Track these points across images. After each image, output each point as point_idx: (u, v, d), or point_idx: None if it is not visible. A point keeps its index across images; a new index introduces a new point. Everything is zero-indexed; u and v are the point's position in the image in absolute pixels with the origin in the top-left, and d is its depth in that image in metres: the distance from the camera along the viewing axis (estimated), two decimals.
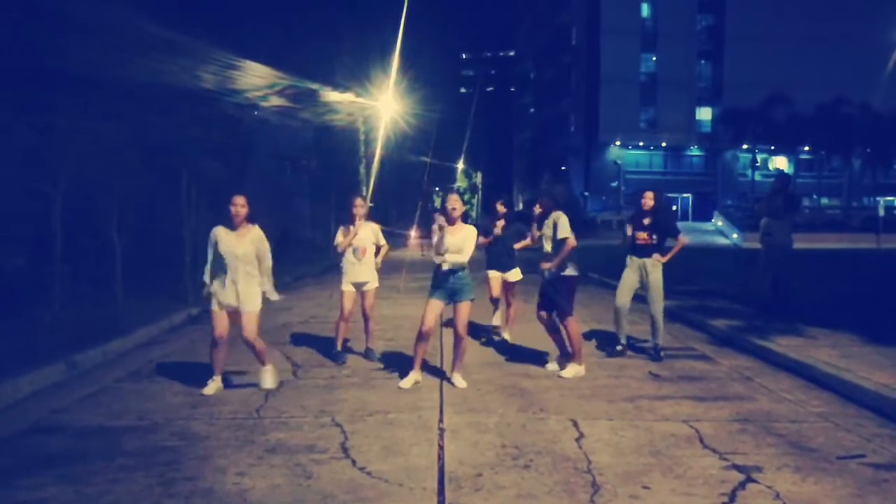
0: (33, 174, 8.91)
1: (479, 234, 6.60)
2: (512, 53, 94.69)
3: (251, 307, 5.86)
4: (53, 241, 8.87)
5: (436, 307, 6.04)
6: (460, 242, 5.97)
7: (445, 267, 5.98)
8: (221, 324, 5.83)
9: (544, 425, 5.01)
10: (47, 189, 8.85)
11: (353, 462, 4.26)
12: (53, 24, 9.14)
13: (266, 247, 5.97)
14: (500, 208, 8.30)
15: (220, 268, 5.81)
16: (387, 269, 6.63)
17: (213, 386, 5.89)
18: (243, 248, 5.78)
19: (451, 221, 6.01)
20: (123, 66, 9.95)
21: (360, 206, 7.16)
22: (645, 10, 57.84)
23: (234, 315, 5.87)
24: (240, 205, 5.82)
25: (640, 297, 12.38)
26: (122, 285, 10.01)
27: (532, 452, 4.44)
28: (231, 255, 5.74)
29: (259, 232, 5.91)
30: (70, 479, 4.00)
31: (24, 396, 5.70)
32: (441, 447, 4.54)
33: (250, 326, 5.86)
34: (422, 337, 6.06)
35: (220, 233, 5.81)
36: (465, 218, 6.28)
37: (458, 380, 6.13)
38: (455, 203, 6.07)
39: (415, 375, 6.12)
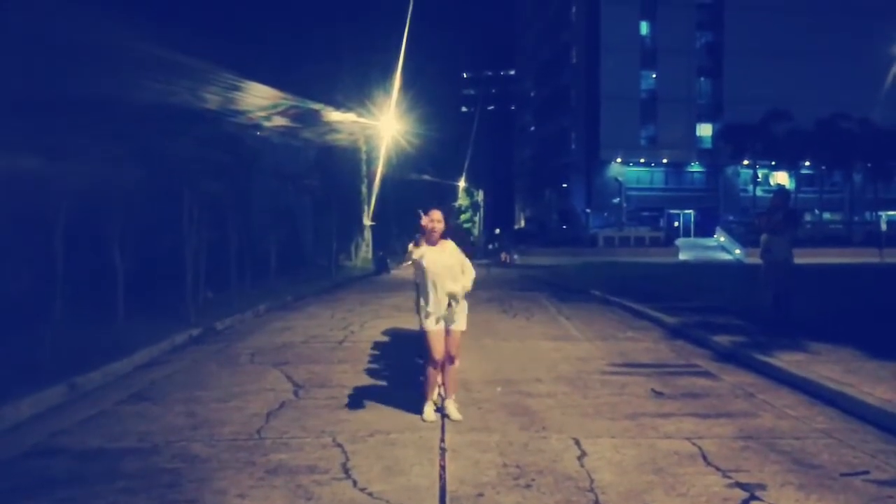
0: (35, 195, 8.95)
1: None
2: (512, 72, 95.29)
3: (459, 325, 5.71)
4: (55, 262, 8.89)
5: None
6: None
7: None
8: (439, 347, 5.65)
9: (546, 444, 4.99)
10: (49, 210, 8.88)
11: (354, 483, 4.24)
12: (56, 46, 9.24)
13: (464, 259, 5.75)
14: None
15: (426, 285, 5.62)
16: (388, 287, 6.53)
17: (430, 411, 5.68)
18: (446, 259, 5.63)
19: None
20: (126, 87, 10.04)
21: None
22: (644, 27, 58.23)
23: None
24: (437, 220, 5.63)
25: (640, 314, 12.37)
26: (124, 305, 10.01)
27: (534, 472, 4.42)
28: (436, 268, 5.58)
29: (454, 244, 5.75)
30: (70, 502, 3.99)
31: (25, 419, 5.69)
32: (442, 467, 4.52)
33: (455, 343, 5.71)
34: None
35: (422, 248, 5.63)
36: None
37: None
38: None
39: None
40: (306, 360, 8.39)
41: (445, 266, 5.62)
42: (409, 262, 5.70)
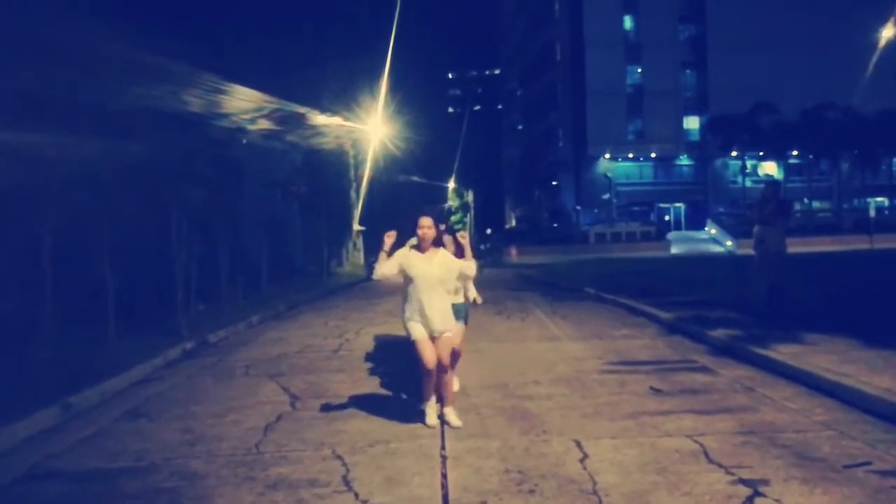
0: (21, 213, 8.84)
1: None
2: (497, 72, 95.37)
3: (450, 332, 5.61)
4: (43, 281, 8.79)
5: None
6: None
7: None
8: (429, 354, 5.51)
9: (548, 447, 4.96)
10: (36, 228, 8.78)
11: (356, 495, 4.19)
12: (40, 50, 9.11)
13: (458, 264, 5.62)
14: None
15: (414, 296, 5.52)
16: (380, 293, 6.37)
17: (433, 413, 5.63)
18: (437, 269, 5.51)
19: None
20: (109, 93, 9.92)
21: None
22: (628, 22, 58.36)
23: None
24: (427, 227, 5.51)
25: (635, 310, 12.37)
26: (115, 322, 9.92)
27: (536, 476, 4.38)
28: (425, 278, 5.46)
29: (446, 252, 5.65)
30: None
31: (19, 442, 5.61)
32: (444, 475, 4.48)
33: (447, 351, 5.59)
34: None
35: (410, 255, 5.54)
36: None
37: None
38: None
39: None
40: (302, 370, 8.33)
41: (436, 277, 5.51)
42: (381, 275, 5.53)
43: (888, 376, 6.07)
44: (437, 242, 5.65)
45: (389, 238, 5.48)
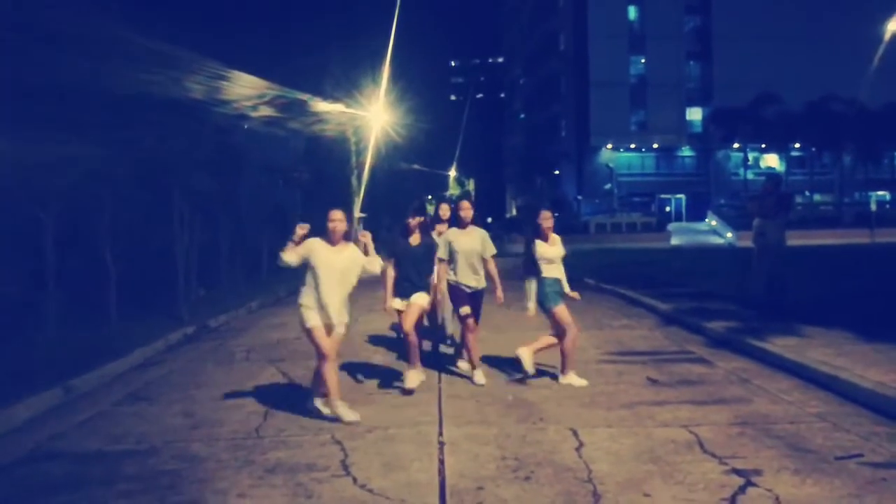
0: (23, 198, 8.87)
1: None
2: (501, 60, 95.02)
3: (343, 327, 5.59)
4: (46, 265, 8.84)
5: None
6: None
7: None
8: (326, 342, 5.48)
9: (544, 435, 5.01)
10: (38, 213, 8.82)
11: (354, 479, 4.25)
12: (43, 37, 9.11)
13: (365, 260, 5.62)
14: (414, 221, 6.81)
15: (314, 285, 5.45)
16: (378, 282, 6.46)
17: (351, 413, 5.48)
18: (342, 263, 5.49)
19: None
20: (110, 79, 9.93)
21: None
22: (632, 12, 58.08)
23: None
24: (338, 220, 5.46)
25: (634, 301, 12.39)
26: (116, 306, 9.97)
27: (532, 464, 4.44)
28: (328, 269, 5.43)
29: (355, 248, 5.61)
30: None
31: (22, 423, 5.68)
32: (441, 461, 4.53)
33: (338, 345, 5.60)
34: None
35: (316, 245, 5.46)
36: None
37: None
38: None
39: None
40: (301, 356, 8.36)
41: (339, 270, 5.46)
42: (284, 263, 5.39)
43: (883, 370, 6.11)
44: (348, 237, 5.58)
45: (301, 230, 5.41)
